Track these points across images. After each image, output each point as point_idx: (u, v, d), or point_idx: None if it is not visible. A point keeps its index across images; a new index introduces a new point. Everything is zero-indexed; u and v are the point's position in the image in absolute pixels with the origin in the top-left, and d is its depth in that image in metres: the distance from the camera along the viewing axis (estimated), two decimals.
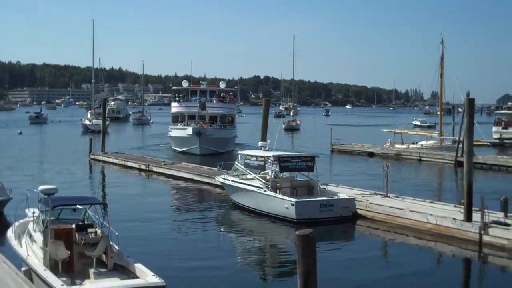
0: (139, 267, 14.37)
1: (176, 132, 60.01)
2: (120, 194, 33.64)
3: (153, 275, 13.79)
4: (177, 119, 62.39)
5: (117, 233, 15.48)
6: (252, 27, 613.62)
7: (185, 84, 65.68)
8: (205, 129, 56.33)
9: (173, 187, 36.99)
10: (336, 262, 19.81)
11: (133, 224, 24.62)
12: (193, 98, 61.58)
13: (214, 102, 61.19)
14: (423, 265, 20.10)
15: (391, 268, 19.95)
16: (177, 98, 63.97)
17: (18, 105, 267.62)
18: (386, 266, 20.44)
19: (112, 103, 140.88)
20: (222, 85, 67.21)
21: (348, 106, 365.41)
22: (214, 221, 27.19)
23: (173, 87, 75.61)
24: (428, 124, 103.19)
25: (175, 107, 63.42)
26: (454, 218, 22.85)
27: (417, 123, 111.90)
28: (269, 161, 28.41)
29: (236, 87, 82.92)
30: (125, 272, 14.77)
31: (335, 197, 26.83)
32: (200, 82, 72.14)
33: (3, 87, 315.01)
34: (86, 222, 16.33)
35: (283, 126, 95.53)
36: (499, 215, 22.36)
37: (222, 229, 25.82)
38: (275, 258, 21.36)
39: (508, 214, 22.33)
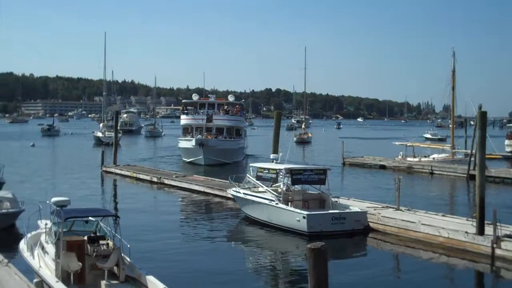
0: (150, 279, 14.39)
1: (184, 143, 62.22)
2: (132, 206, 33.68)
3: (165, 287, 13.81)
4: (187, 131, 64.72)
5: (128, 245, 15.54)
6: (264, 39, 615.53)
7: (195, 97, 69.10)
8: (207, 140, 58.42)
9: (185, 200, 37.02)
10: (347, 276, 19.74)
11: (145, 236, 24.66)
12: (201, 111, 64.11)
13: (221, 114, 63.64)
14: (435, 279, 20.01)
15: (403, 282, 19.89)
16: (185, 111, 66.20)
17: (31, 117, 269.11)
18: (398, 279, 20.36)
19: (125, 115, 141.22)
20: (230, 98, 70.60)
21: (359, 119, 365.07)
22: (226, 233, 27.19)
23: (183, 100, 78.22)
24: (439, 137, 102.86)
25: (184, 120, 65.89)
26: (466, 232, 22.74)
27: (428, 136, 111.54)
28: (281, 173, 28.41)
29: (243, 100, 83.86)
30: (137, 284, 14.80)
31: (347, 210, 26.76)
32: (209, 95, 76.20)
33: (16, 99, 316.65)
34: (98, 234, 16.38)
35: (295, 139, 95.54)
36: (511, 229, 22.26)
37: (233, 242, 25.80)
38: (286, 271, 21.32)
39: None
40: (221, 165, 56.35)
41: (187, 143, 60.70)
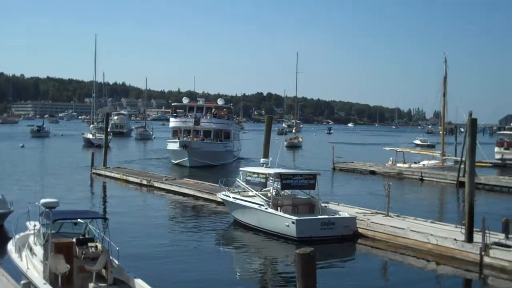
0: (138, 283, 14.35)
1: (171, 145, 63.94)
2: (121, 208, 33.60)
3: None
4: (176, 133, 66.39)
5: (117, 248, 15.47)
6: (255, 44, 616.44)
7: (185, 100, 70.61)
8: (190, 142, 60.52)
9: (174, 203, 36.97)
10: (336, 281, 19.75)
11: (134, 239, 24.60)
12: (190, 114, 65.74)
13: (209, 117, 65.22)
14: (423, 286, 20.08)
15: None
16: (175, 114, 68.45)
17: (21, 118, 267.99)
18: (386, 286, 20.37)
19: (116, 117, 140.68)
20: (220, 102, 71.94)
21: (350, 124, 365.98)
22: (215, 237, 27.14)
23: (173, 103, 79.93)
24: (428, 143, 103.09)
25: (172, 122, 67.71)
26: (455, 239, 22.81)
27: (418, 142, 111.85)
28: (271, 178, 28.40)
29: (231, 103, 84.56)
30: (125, 287, 14.75)
31: (336, 216, 26.79)
32: (197, 98, 78.89)
33: (6, 100, 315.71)
34: (86, 236, 16.31)
35: (285, 143, 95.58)
36: (500, 237, 22.32)
37: (222, 246, 25.77)
38: (275, 276, 21.31)
39: (509, 236, 22.24)
40: (206, 167, 58.10)
41: (174, 145, 62.44)
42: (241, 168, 32.70)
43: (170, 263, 21.55)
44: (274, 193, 27.94)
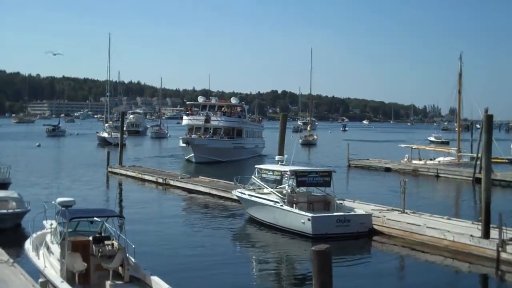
0: (155, 280, 14.41)
1: (181, 142, 65.70)
2: (137, 207, 33.72)
3: None
4: (191, 131, 68.28)
5: (133, 246, 15.56)
6: (270, 41, 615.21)
7: (200, 99, 73.39)
8: (193, 139, 63.04)
9: (190, 201, 37.03)
10: (352, 278, 19.71)
11: (150, 237, 24.68)
12: (202, 112, 68.20)
13: (219, 115, 67.39)
14: (440, 282, 19.99)
15: (408, 285, 19.87)
16: (187, 112, 70.74)
17: (38, 118, 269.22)
18: (403, 283, 20.34)
19: (131, 116, 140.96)
20: (233, 101, 74.69)
21: (365, 122, 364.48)
22: (230, 235, 27.19)
23: (187, 102, 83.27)
24: (442, 140, 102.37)
25: (185, 120, 70.23)
26: (471, 235, 22.70)
27: (432, 139, 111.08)
28: (286, 175, 28.39)
29: (243, 102, 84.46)
30: (141, 284, 14.82)
31: (352, 213, 26.74)
32: (210, 97, 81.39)
33: (22, 99, 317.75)
34: (103, 235, 16.40)
35: (300, 140, 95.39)
36: None
37: (238, 243, 25.81)
38: (291, 273, 21.31)
39: None
40: (214, 163, 60.20)
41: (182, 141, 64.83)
42: (256, 166, 32.67)
43: (186, 260, 21.59)
44: (289, 190, 27.93)
